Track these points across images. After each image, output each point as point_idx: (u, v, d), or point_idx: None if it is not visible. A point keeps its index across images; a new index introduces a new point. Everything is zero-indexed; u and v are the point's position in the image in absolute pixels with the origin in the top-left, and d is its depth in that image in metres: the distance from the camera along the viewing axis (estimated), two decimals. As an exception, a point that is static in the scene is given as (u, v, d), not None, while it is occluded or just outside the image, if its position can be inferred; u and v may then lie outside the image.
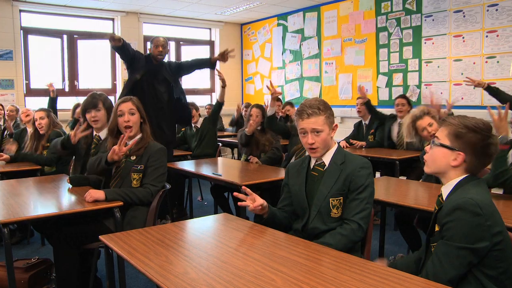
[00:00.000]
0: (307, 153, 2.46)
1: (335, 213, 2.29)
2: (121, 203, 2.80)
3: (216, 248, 1.93)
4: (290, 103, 6.97)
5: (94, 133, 3.53)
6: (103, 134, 3.48)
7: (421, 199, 3.01)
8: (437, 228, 1.80)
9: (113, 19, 8.42)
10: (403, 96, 5.60)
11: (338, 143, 2.47)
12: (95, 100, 3.49)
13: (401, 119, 5.32)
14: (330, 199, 2.28)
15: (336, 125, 2.39)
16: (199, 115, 5.89)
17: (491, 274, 1.68)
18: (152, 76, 4.80)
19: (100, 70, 8.45)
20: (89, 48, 8.25)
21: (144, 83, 4.76)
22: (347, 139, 5.82)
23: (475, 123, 1.79)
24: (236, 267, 1.70)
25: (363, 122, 5.91)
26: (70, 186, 3.21)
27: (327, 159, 2.37)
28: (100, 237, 2.11)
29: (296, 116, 2.37)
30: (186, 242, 2.05)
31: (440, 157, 1.85)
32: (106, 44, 8.30)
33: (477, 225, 1.63)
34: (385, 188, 3.30)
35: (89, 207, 2.69)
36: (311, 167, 2.42)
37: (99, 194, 2.79)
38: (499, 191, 3.08)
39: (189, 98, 6.01)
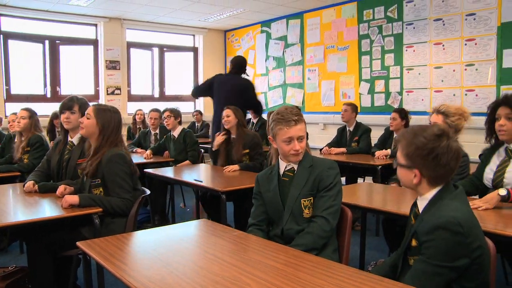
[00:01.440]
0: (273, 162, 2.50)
1: (307, 213, 2.35)
2: (100, 209, 2.77)
3: (194, 254, 1.93)
4: None
5: (69, 138, 3.48)
6: (76, 139, 3.43)
7: (402, 204, 3.02)
8: (414, 243, 1.80)
9: (96, 25, 8.37)
10: (396, 110, 5.54)
11: (320, 149, 2.51)
12: (71, 102, 3.44)
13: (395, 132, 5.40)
14: (302, 200, 2.35)
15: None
16: (179, 123, 5.68)
17: (469, 286, 1.69)
18: None
19: (82, 76, 8.39)
20: (72, 53, 8.20)
21: None
22: (329, 145, 5.85)
23: (421, 138, 1.78)
24: (213, 272, 1.69)
25: (348, 128, 5.92)
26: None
27: (296, 164, 2.43)
28: (78, 243, 2.09)
29: (280, 125, 2.35)
30: (164, 248, 2.03)
31: (403, 177, 1.89)
32: (89, 50, 8.30)
33: (458, 244, 1.63)
34: (366, 194, 3.33)
35: (68, 213, 2.66)
36: (281, 173, 2.46)
37: (74, 199, 2.75)
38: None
39: (173, 105, 6.00)
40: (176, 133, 5.59)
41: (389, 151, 5.14)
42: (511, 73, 5.47)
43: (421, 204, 1.85)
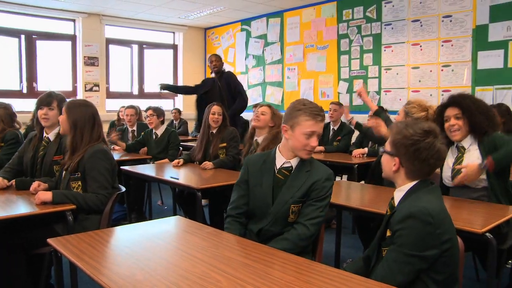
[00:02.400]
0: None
1: (292, 218, 2.31)
2: (74, 206, 2.74)
3: (166, 250, 1.92)
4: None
5: (44, 134, 3.43)
6: (52, 135, 3.37)
7: (378, 203, 3.04)
8: (388, 233, 1.84)
9: (74, 20, 8.26)
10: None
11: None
12: (50, 98, 3.37)
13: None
14: (292, 205, 2.29)
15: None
16: (162, 122, 5.67)
17: (438, 279, 1.72)
18: None
19: (60, 72, 8.27)
20: (49, 49, 8.07)
21: None
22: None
23: (410, 129, 1.84)
24: (184, 268, 1.69)
25: (332, 127, 5.94)
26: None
27: (294, 163, 2.36)
28: (49, 240, 2.06)
29: (307, 116, 2.26)
30: (136, 245, 2.02)
31: (385, 163, 1.95)
32: (66, 46, 8.19)
33: (428, 234, 1.67)
34: (342, 192, 3.35)
35: (41, 210, 2.62)
36: (277, 169, 2.38)
37: (47, 196, 2.71)
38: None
39: (153, 103, 5.99)
40: (159, 131, 5.58)
41: (366, 149, 5.20)
42: (485, 74, 5.57)
43: (398, 196, 1.90)
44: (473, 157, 2.92)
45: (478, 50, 5.63)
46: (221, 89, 6.19)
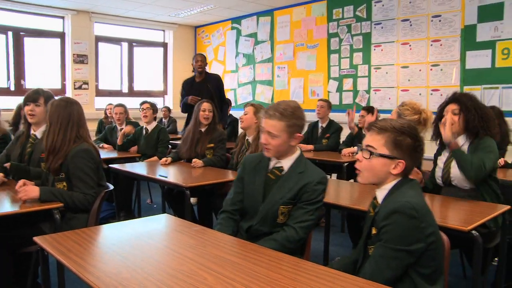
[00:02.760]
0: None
1: (281, 219, 2.30)
2: (61, 204, 2.72)
3: (153, 248, 1.91)
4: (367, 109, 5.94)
5: (31, 131, 3.40)
6: (39, 133, 3.34)
7: (367, 201, 3.04)
8: (374, 231, 1.84)
9: (63, 17, 8.20)
10: (365, 108, 5.60)
11: (301, 150, 2.46)
12: (36, 95, 3.33)
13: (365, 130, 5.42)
14: (281, 206, 2.28)
15: (299, 135, 2.32)
16: (154, 118, 5.65)
17: (424, 272, 1.73)
18: None
19: (48, 70, 8.21)
20: (37, 46, 8.01)
21: None
22: (297, 142, 5.89)
23: (408, 127, 1.83)
24: (171, 266, 1.69)
25: (320, 125, 5.95)
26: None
27: (286, 164, 2.35)
28: (35, 238, 2.04)
29: (262, 113, 2.34)
30: (123, 242, 2.01)
31: (380, 167, 1.85)
32: (55, 43, 8.13)
33: (413, 228, 1.68)
34: (331, 191, 3.36)
35: (28, 208, 2.59)
36: (270, 168, 2.39)
37: (34, 193, 2.67)
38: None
39: (142, 100, 5.95)
40: (150, 127, 5.56)
41: (355, 148, 5.20)
42: (473, 74, 5.62)
43: (381, 195, 1.88)
44: None
45: (466, 50, 5.67)
46: (211, 92, 6.10)
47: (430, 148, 3.47)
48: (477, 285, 2.40)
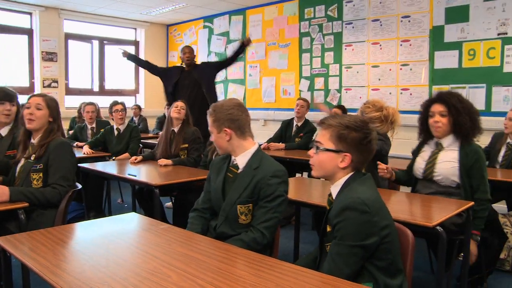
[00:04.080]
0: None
1: (243, 219, 2.28)
2: (26, 204, 2.68)
3: (119, 247, 1.89)
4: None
5: None
6: (4, 131, 3.30)
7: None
8: (328, 229, 1.86)
9: (30, 14, 8.01)
10: (339, 107, 5.64)
11: (260, 145, 2.48)
12: (12, 94, 3.35)
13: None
14: (238, 206, 2.27)
15: (227, 130, 2.32)
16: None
17: (381, 265, 1.76)
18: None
19: (16, 67, 8.02)
20: (4, 43, 7.81)
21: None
22: (269, 140, 5.92)
23: (354, 121, 1.85)
24: (135, 264, 1.68)
25: (295, 123, 5.96)
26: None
27: (241, 161, 2.36)
28: (-4, 239, 2.01)
29: None
30: (88, 242, 1.99)
31: (328, 161, 1.88)
32: (23, 40, 7.96)
33: (366, 222, 1.70)
34: (302, 189, 3.38)
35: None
36: (229, 167, 2.41)
37: (4, 196, 2.63)
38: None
39: (114, 99, 5.88)
40: (122, 127, 5.51)
41: None
42: (441, 74, 5.73)
43: (335, 191, 1.90)
44: (448, 156, 3.01)
45: (435, 50, 5.78)
46: (199, 83, 5.97)
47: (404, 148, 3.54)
48: (442, 279, 2.46)
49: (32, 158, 2.90)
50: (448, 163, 2.99)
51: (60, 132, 3.05)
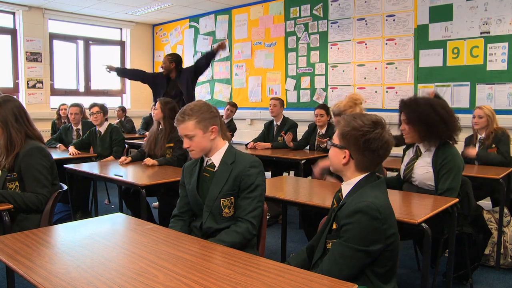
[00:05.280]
0: None
1: (227, 212, 2.32)
2: (10, 206, 2.65)
3: (104, 247, 1.88)
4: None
5: None
6: None
7: (324, 197, 3.08)
8: (334, 226, 1.87)
9: (13, 13, 7.92)
10: (322, 107, 5.63)
11: (230, 143, 2.49)
12: None
13: (320, 129, 5.48)
14: (221, 199, 2.31)
15: (214, 127, 2.35)
16: (106, 119, 5.54)
17: (379, 271, 1.77)
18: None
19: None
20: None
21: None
22: (255, 140, 5.93)
23: (360, 120, 1.86)
24: (121, 265, 1.67)
25: (275, 123, 6.01)
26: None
27: (216, 159, 2.38)
28: (-21, 240, 1.99)
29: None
30: (74, 243, 1.97)
31: (334, 156, 1.94)
32: (6, 39, 7.86)
33: (375, 228, 1.71)
34: (289, 188, 3.39)
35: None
36: (203, 167, 2.43)
37: None
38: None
39: (100, 100, 5.84)
40: (102, 129, 5.46)
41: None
42: (426, 72, 5.78)
43: (346, 189, 1.92)
44: (423, 161, 3.04)
45: (419, 48, 5.83)
46: (181, 91, 6.01)
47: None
48: (427, 275, 2.48)
49: (5, 168, 2.82)
50: (423, 168, 3.04)
51: (25, 135, 2.86)
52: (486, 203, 4.28)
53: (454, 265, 3.06)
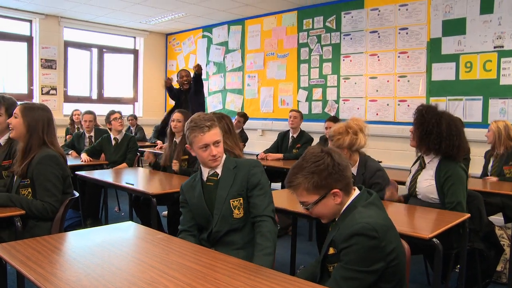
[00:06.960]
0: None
1: (237, 213, 2.35)
2: (23, 211, 2.67)
3: (115, 256, 1.89)
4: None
5: None
6: (2, 141, 3.29)
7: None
8: (331, 251, 1.85)
9: (31, 21, 8.03)
10: (332, 119, 5.63)
11: (257, 155, 2.54)
12: None
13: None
14: (231, 200, 2.34)
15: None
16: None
17: (385, 287, 1.76)
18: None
19: (15, 74, 8.02)
20: (3, 50, 7.83)
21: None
22: (266, 151, 5.93)
23: (311, 162, 1.82)
24: (131, 274, 1.68)
25: (291, 134, 6.00)
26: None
27: (219, 168, 2.42)
28: (-9, 246, 2.00)
29: (194, 132, 2.32)
30: (84, 250, 1.98)
31: (325, 209, 1.86)
32: (22, 47, 7.97)
33: (373, 248, 1.69)
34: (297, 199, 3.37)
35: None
36: (205, 179, 2.44)
37: None
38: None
39: (113, 107, 5.90)
40: (120, 136, 5.52)
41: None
42: (439, 86, 5.76)
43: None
44: (427, 174, 3.04)
45: (432, 62, 5.81)
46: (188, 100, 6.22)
47: (401, 159, 3.55)
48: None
49: (19, 174, 2.85)
50: (426, 181, 3.03)
51: (44, 143, 2.90)
52: (498, 218, 4.24)
53: (465, 281, 3.03)
